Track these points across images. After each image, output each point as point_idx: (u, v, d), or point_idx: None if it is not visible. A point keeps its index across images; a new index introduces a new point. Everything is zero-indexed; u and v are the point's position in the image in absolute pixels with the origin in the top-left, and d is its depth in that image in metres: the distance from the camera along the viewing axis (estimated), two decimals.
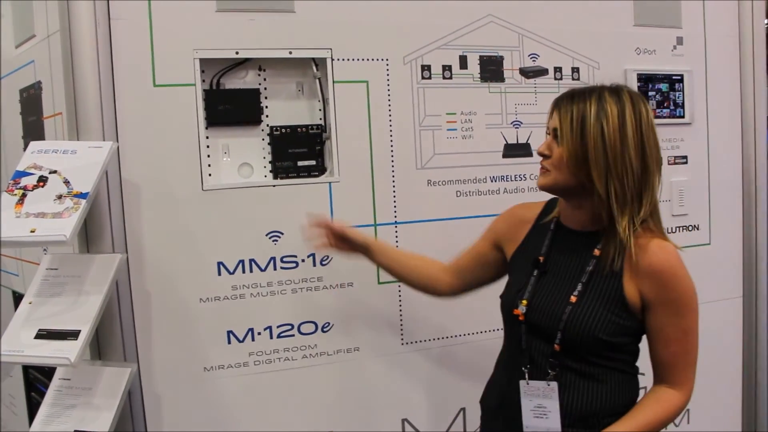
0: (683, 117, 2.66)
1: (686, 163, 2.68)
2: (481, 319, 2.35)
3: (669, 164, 2.64)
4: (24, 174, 1.76)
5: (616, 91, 1.62)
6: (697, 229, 2.71)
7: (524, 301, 1.69)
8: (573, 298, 1.63)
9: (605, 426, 1.62)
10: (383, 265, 2.01)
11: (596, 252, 1.65)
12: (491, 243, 1.91)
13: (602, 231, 1.64)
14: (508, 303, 1.75)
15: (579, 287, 1.64)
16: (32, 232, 1.66)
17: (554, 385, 1.65)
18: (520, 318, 1.69)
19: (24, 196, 1.72)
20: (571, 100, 1.62)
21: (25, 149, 1.86)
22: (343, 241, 1.96)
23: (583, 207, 1.66)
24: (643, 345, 1.70)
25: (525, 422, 1.67)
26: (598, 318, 1.61)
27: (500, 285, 1.87)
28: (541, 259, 1.72)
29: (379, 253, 1.99)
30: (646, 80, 2.56)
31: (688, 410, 2.73)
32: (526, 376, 1.68)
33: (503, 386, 1.77)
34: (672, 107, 2.63)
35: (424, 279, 2.00)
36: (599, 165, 1.57)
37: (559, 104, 1.65)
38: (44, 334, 1.70)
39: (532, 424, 1.67)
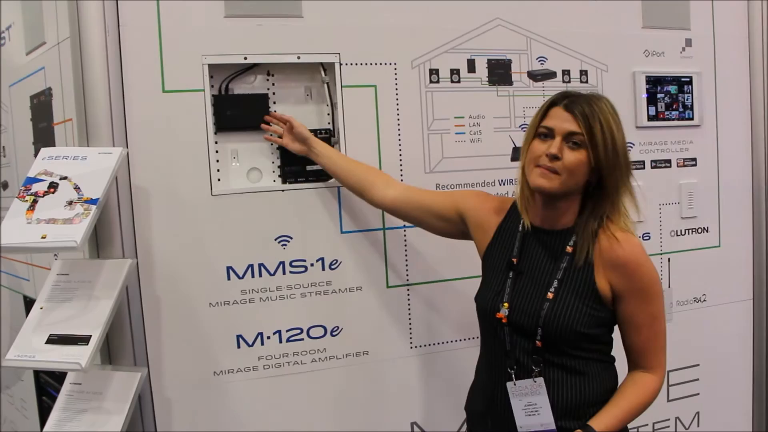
0: (692, 119, 2.65)
1: (695, 165, 2.67)
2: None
3: (678, 166, 2.64)
4: (35, 180, 1.78)
5: (608, 100, 1.70)
6: (707, 231, 2.70)
7: (506, 304, 1.74)
8: (550, 294, 1.70)
9: (592, 415, 1.69)
10: (325, 166, 2.09)
11: (568, 249, 1.72)
12: (455, 207, 1.94)
13: (572, 228, 1.72)
14: (487, 306, 1.79)
15: (555, 284, 1.71)
16: (43, 238, 1.67)
17: (540, 380, 1.71)
18: (504, 321, 1.74)
19: (35, 202, 1.73)
20: (590, 107, 1.64)
21: (35, 155, 1.87)
22: (295, 141, 2.09)
23: (563, 208, 1.72)
24: (616, 335, 1.78)
25: (518, 422, 1.72)
26: (575, 311, 1.68)
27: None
28: (515, 260, 1.77)
29: (320, 154, 2.07)
30: (655, 82, 2.56)
31: (697, 413, 2.72)
32: (513, 378, 1.73)
33: (489, 390, 1.81)
34: (681, 109, 2.62)
35: (366, 182, 2.05)
36: (619, 168, 1.66)
37: (574, 107, 1.65)
38: (55, 339, 1.71)
39: (525, 424, 1.71)
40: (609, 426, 1.66)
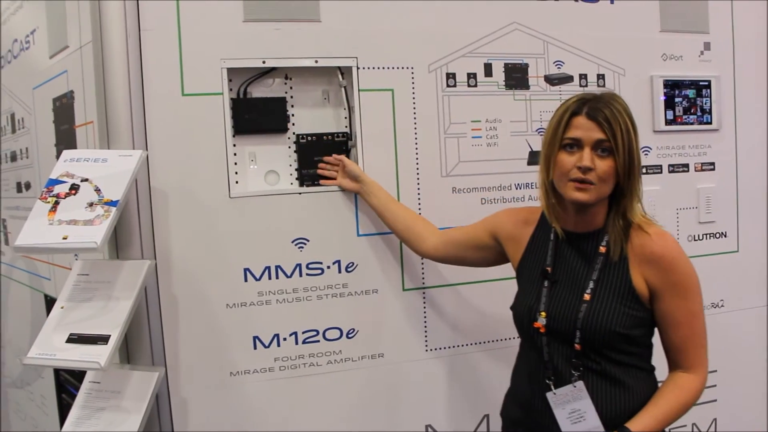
0: (710, 123, 2.64)
1: (713, 169, 2.66)
2: (506, 326, 2.33)
3: (696, 171, 2.63)
4: (57, 182, 1.80)
5: (620, 97, 1.70)
6: (725, 236, 2.69)
7: (543, 313, 1.73)
8: (587, 296, 1.69)
9: None
10: (374, 208, 2.12)
11: (602, 249, 1.71)
12: (489, 232, 1.95)
13: (603, 228, 1.71)
14: (524, 316, 1.77)
15: (591, 285, 1.70)
16: (64, 238, 1.70)
17: (580, 384, 1.68)
18: (542, 330, 1.72)
19: (57, 203, 1.76)
20: (611, 111, 1.63)
21: (57, 157, 1.90)
22: (349, 180, 2.13)
23: (595, 212, 1.71)
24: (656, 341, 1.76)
25: (564, 430, 1.69)
26: (614, 311, 1.66)
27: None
28: (549, 269, 1.76)
29: (371, 194, 2.11)
30: (673, 86, 2.55)
31: (715, 419, 2.70)
32: (552, 387, 1.70)
33: (527, 398, 1.79)
34: (699, 113, 2.61)
35: (410, 234, 2.09)
36: (637, 171, 1.66)
37: (596, 114, 1.63)
38: (75, 339, 1.74)
39: (572, 431, 1.68)
40: (647, 427, 1.63)
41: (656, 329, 1.74)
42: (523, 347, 1.86)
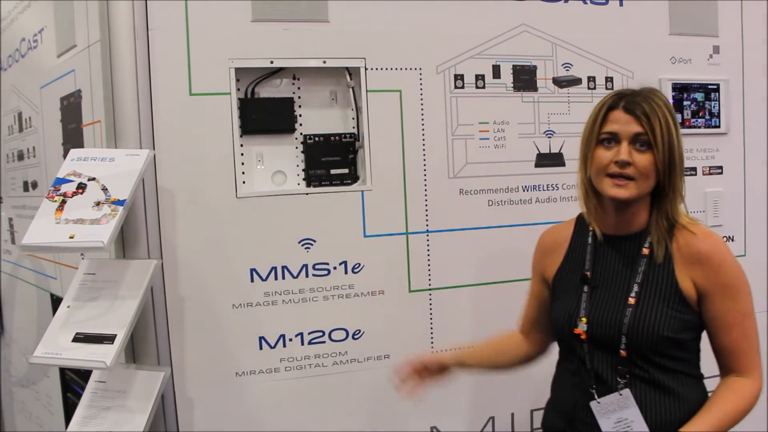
0: (719, 127, 2.63)
1: (721, 173, 2.64)
2: (510, 328, 2.34)
3: (704, 174, 2.61)
4: (64, 181, 1.81)
5: (660, 92, 1.65)
6: (732, 240, 2.67)
7: (584, 319, 1.66)
8: (631, 300, 1.62)
9: None
10: (473, 370, 1.97)
11: (645, 251, 1.65)
12: (540, 280, 1.86)
13: (646, 229, 1.65)
14: (564, 324, 1.70)
15: (635, 288, 1.63)
16: (71, 237, 1.70)
17: (627, 392, 1.62)
18: (582, 336, 1.66)
19: (64, 202, 1.76)
20: (649, 105, 1.58)
21: (64, 156, 1.90)
22: (429, 372, 1.89)
23: (637, 211, 1.65)
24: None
25: None
26: (660, 315, 1.59)
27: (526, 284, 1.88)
28: (588, 274, 1.70)
29: (463, 365, 1.92)
30: (681, 90, 2.54)
31: None
32: (596, 396, 1.65)
33: (569, 408, 1.73)
34: (707, 117, 2.60)
35: (512, 359, 1.94)
36: (681, 163, 1.61)
37: (634, 108, 1.58)
38: (81, 338, 1.74)
39: None
40: None
41: (705, 333, 1.67)
42: (562, 356, 1.79)
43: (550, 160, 2.37)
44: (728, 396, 1.61)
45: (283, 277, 2.10)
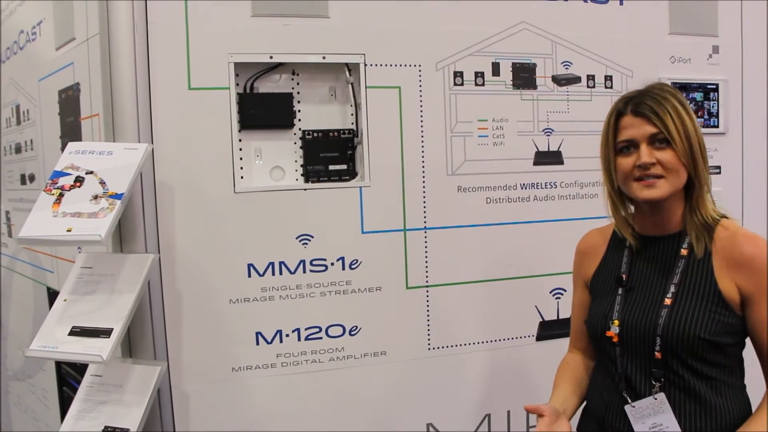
0: (717, 127, 2.63)
1: (720, 173, 2.64)
2: (508, 326, 2.35)
3: None
4: (62, 174, 1.80)
5: (671, 87, 1.62)
6: None
7: (616, 321, 1.63)
8: (668, 301, 1.57)
9: None
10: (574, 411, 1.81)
11: (683, 252, 1.60)
12: (583, 288, 1.82)
13: (683, 230, 1.61)
14: (597, 326, 1.67)
15: (672, 288, 1.58)
16: (68, 231, 1.69)
17: (662, 396, 1.56)
18: (614, 339, 1.62)
19: (61, 195, 1.76)
20: (656, 102, 1.56)
21: (62, 149, 1.90)
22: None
23: (672, 209, 1.61)
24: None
25: None
26: (698, 316, 1.54)
27: (538, 287, 1.86)
28: (624, 276, 1.67)
29: (569, 408, 1.76)
30: (681, 89, 2.53)
31: None
32: (629, 400, 1.60)
33: (600, 412, 1.68)
34: (706, 117, 2.60)
35: (587, 380, 1.83)
36: (702, 155, 1.57)
37: (643, 109, 1.56)
38: (78, 331, 1.74)
39: None
40: None
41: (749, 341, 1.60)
42: (597, 359, 1.74)
43: (548, 158, 2.37)
44: None
45: (281, 273, 2.10)
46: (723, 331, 1.54)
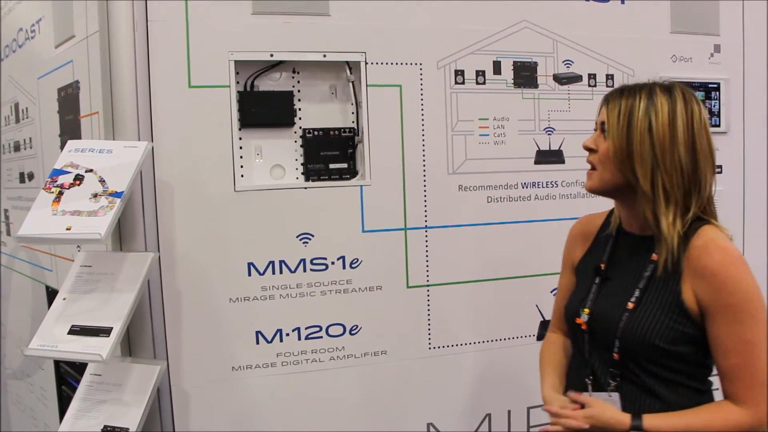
0: (719, 126, 2.62)
1: (720, 172, 2.63)
2: (509, 325, 2.34)
3: None
4: (61, 172, 1.79)
5: (668, 88, 1.56)
6: (731, 239, 2.67)
7: (586, 310, 1.64)
8: (630, 305, 1.56)
9: None
10: None
11: (654, 256, 1.57)
12: (570, 271, 1.82)
13: (657, 233, 1.58)
14: (571, 312, 1.69)
15: (636, 293, 1.57)
16: (68, 229, 1.69)
17: (615, 396, 1.57)
18: (583, 327, 1.64)
19: (61, 194, 1.75)
20: (620, 95, 1.56)
21: (61, 147, 1.89)
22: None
23: (634, 209, 1.59)
24: None
25: None
26: (656, 324, 1.52)
27: (539, 286, 1.85)
28: (603, 266, 1.67)
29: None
30: None
31: None
32: (589, 388, 1.62)
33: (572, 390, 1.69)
34: (708, 116, 2.59)
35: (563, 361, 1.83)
36: (645, 160, 1.50)
37: (608, 99, 1.59)
38: (77, 330, 1.73)
39: None
40: (659, 428, 1.48)
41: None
42: (572, 345, 1.76)
43: (549, 157, 2.37)
44: (711, 411, 1.53)
45: (281, 272, 2.09)
46: (681, 340, 1.52)
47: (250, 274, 2.06)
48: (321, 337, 2.15)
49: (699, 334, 1.52)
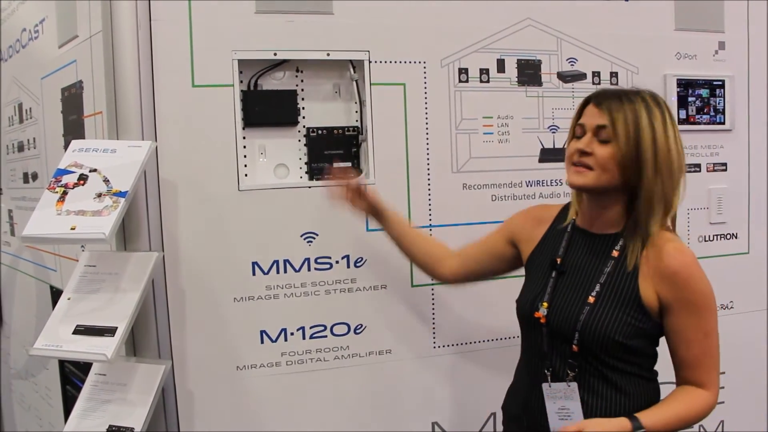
0: (723, 123, 2.62)
1: (725, 170, 2.63)
2: (513, 323, 2.32)
3: (708, 171, 2.61)
4: (65, 172, 1.79)
5: (653, 96, 1.66)
6: (736, 237, 2.67)
7: (545, 304, 1.70)
8: (591, 299, 1.65)
9: None
10: (391, 235, 2.03)
11: (614, 253, 1.67)
12: (505, 238, 1.91)
13: (621, 233, 1.67)
14: (526, 306, 1.75)
15: (597, 288, 1.66)
16: (72, 229, 1.69)
17: (574, 385, 1.66)
18: (542, 320, 1.70)
19: (65, 193, 1.75)
20: (619, 101, 1.61)
21: (65, 147, 1.89)
22: (360, 199, 1.98)
23: (608, 208, 1.68)
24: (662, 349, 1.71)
25: (551, 425, 1.68)
26: (615, 320, 1.62)
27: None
28: (559, 260, 1.73)
29: (390, 222, 2.02)
30: (686, 86, 2.53)
31: (722, 422, 2.68)
32: (549, 379, 1.69)
33: (526, 391, 1.78)
34: (712, 113, 2.59)
35: (428, 258, 2.02)
36: (650, 166, 1.59)
37: (602, 102, 1.63)
38: (82, 330, 1.73)
39: (558, 426, 1.67)
40: (657, 425, 1.57)
41: (663, 341, 1.69)
42: (523, 339, 1.83)
43: (553, 155, 2.36)
44: (685, 398, 1.64)
45: (285, 271, 2.09)
46: (637, 334, 1.63)
47: (254, 274, 2.06)
48: (326, 336, 2.15)
49: (653, 329, 1.65)
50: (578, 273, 1.71)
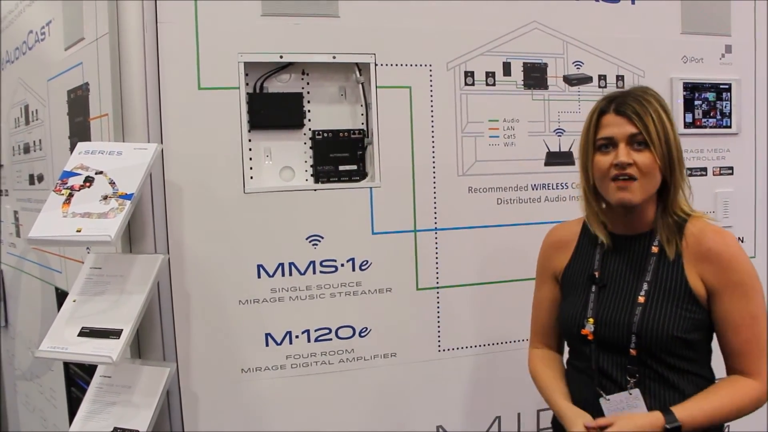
0: (730, 127, 2.61)
1: (732, 174, 2.63)
2: (518, 327, 2.32)
3: (714, 175, 2.60)
4: (71, 174, 1.79)
5: (651, 90, 1.67)
6: (742, 241, 2.66)
7: (591, 319, 1.66)
8: (641, 299, 1.61)
9: None
10: None
11: (654, 249, 1.64)
12: (551, 283, 1.83)
13: (654, 228, 1.65)
14: (572, 324, 1.70)
15: (645, 287, 1.62)
16: (78, 231, 1.69)
17: (636, 392, 1.60)
18: (590, 337, 1.65)
19: (71, 195, 1.75)
20: (639, 104, 1.59)
21: (71, 149, 1.89)
22: None
23: (641, 210, 1.65)
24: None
25: None
26: (671, 315, 1.58)
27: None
28: (597, 273, 1.69)
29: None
30: (693, 89, 2.52)
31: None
32: (603, 394, 1.63)
33: (576, 406, 1.68)
34: (719, 117, 2.58)
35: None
36: (680, 161, 1.61)
37: (624, 109, 1.60)
38: (87, 332, 1.73)
39: None
40: (694, 417, 1.52)
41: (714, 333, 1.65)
42: (571, 356, 1.77)
43: (559, 158, 2.36)
44: (728, 389, 1.59)
45: (290, 274, 2.09)
46: (693, 327, 1.59)
47: (259, 276, 2.06)
48: (330, 339, 2.14)
49: (706, 319, 1.61)
50: (620, 280, 1.67)
